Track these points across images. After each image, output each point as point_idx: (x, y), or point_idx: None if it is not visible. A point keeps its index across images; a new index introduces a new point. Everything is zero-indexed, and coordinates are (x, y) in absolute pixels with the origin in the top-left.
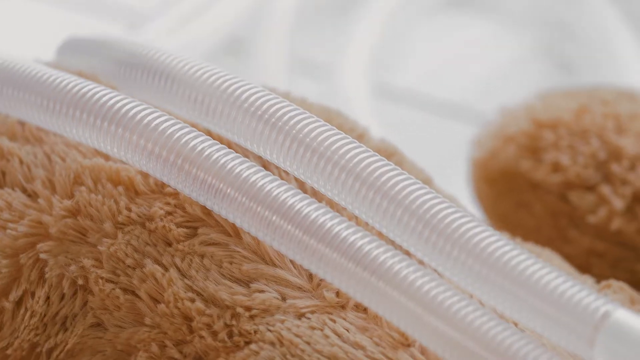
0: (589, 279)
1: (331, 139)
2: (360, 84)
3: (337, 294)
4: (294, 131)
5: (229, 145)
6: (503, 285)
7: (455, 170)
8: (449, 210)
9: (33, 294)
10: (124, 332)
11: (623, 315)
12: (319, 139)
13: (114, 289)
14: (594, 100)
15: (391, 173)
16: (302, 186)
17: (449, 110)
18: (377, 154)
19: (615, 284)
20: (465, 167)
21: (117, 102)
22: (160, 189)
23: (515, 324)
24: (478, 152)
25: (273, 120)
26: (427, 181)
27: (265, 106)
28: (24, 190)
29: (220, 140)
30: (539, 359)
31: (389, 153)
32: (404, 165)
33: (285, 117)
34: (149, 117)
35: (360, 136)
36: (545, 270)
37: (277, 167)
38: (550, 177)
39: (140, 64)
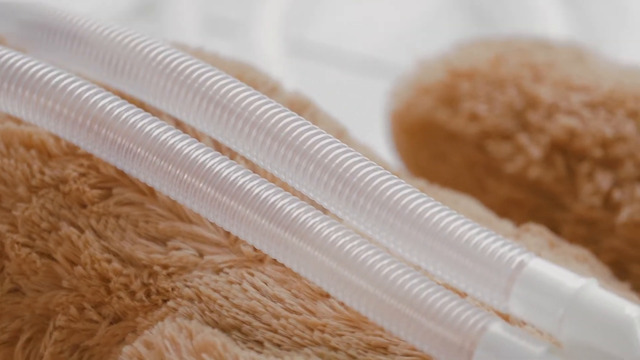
0: (508, 224)
1: (241, 96)
2: (275, 42)
3: (255, 247)
4: (203, 88)
5: (142, 106)
6: (417, 237)
7: (374, 124)
8: (362, 164)
9: None
10: (42, 296)
11: (538, 264)
12: (229, 95)
13: (30, 253)
14: (511, 50)
15: (302, 128)
16: (217, 145)
17: (366, 65)
18: (287, 109)
19: (534, 227)
20: (384, 121)
21: (24, 64)
22: (72, 151)
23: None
24: (395, 104)
25: (182, 78)
26: (341, 132)
27: (174, 64)
28: None
29: (132, 101)
30: (454, 311)
31: (302, 105)
32: (317, 117)
33: (195, 75)
34: (57, 79)
35: (273, 90)
36: (459, 222)
37: (193, 128)
38: (467, 127)
39: (48, 26)
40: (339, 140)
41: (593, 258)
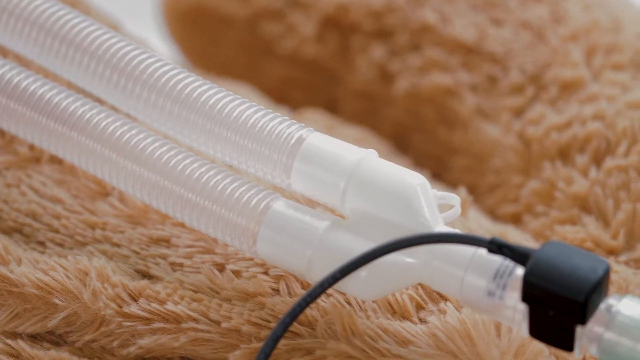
0: (284, 110)
1: None
2: None
3: (31, 147)
4: None
5: None
6: (196, 121)
7: (148, 12)
8: (136, 52)
9: None
10: None
11: (317, 139)
12: None
13: None
14: None
15: (74, 21)
16: None
17: None
18: (59, 2)
19: (311, 113)
20: (156, 9)
21: None
22: None
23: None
24: None
25: None
26: (114, 27)
27: None
28: None
29: None
30: (237, 192)
31: (73, 1)
32: (90, 13)
33: None
34: None
35: None
36: (236, 102)
37: None
38: (238, 10)
39: None
40: (113, 31)
41: (372, 137)
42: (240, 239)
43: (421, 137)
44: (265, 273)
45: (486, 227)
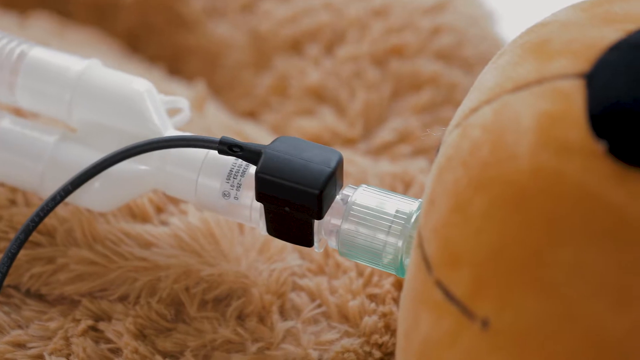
0: (11, 16)
1: None
2: None
3: None
4: None
5: None
6: None
7: None
8: None
9: None
10: None
11: (40, 53)
12: None
13: None
14: None
15: None
16: None
17: None
18: None
19: (40, 16)
20: None
21: None
22: None
23: None
24: None
25: None
26: None
27: None
28: None
29: None
30: None
31: None
32: None
33: None
34: None
35: None
36: None
37: None
38: None
39: None
40: None
41: (104, 39)
42: None
43: (154, 41)
44: (1, 185)
45: (226, 124)
